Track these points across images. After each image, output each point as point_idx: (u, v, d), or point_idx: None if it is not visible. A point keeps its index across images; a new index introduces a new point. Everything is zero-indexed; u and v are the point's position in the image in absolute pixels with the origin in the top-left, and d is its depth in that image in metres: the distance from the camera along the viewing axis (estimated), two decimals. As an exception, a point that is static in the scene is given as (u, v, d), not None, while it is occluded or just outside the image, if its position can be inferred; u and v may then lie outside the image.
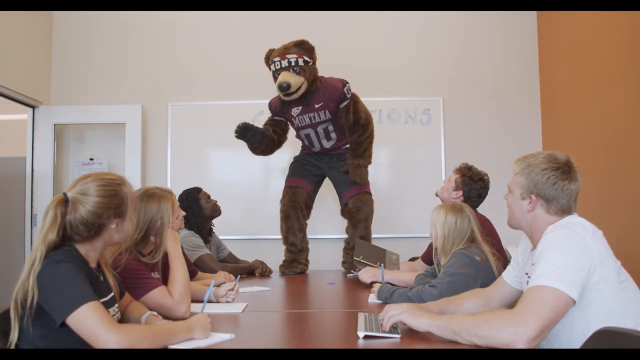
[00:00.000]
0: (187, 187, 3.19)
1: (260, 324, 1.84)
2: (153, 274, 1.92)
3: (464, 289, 1.87)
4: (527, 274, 1.62)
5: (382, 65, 4.53)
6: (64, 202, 1.43)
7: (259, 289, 2.58)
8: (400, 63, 4.56)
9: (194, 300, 1.93)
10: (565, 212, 1.57)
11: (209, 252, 3.04)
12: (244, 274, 2.98)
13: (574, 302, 1.38)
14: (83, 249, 1.46)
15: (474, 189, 2.57)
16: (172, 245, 1.92)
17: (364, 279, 2.52)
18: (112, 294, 1.55)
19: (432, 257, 2.38)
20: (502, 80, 4.53)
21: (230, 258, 3.36)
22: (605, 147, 3.33)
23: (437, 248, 2.19)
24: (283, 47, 3.09)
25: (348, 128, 3.19)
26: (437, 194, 2.74)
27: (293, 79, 2.99)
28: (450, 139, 4.48)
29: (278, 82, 3.01)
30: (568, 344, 1.46)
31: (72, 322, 1.29)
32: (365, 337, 1.48)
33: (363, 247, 2.83)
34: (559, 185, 1.54)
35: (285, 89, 2.99)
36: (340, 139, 3.31)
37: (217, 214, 3.21)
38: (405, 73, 4.56)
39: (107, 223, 1.47)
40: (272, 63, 3.09)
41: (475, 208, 2.54)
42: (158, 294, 1.78)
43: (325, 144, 3.30)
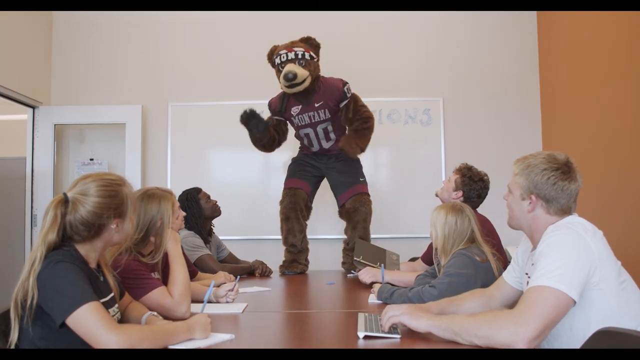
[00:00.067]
0: (187, 187, 3.19)
1: (260, 324, 1.84)
2: (153, 274, 1.92)
3: (464, 290, 1.87)
4: (527, 274, 1.62)
5: (382, 65, 4.53)
6: (64, 202, 1.43)
7: (259, 289, 2.58)
8: (400, 63, 4.56)
9: (194, 301, 1.93)
10: (566, 212, 1.57)
11: (209, 252, 3.04)
12: (244, 274, 2.98)
13: (574, 302, 1.38)
14: (83, 249, 1.46)
15: (474, 189, 2.57)
16: (172, 246, 1.92)
17: (364, 279, 2.52)
18: (112, 294, 1.55)
19: (432, 257, 2.38)
20: (502, 80, 4.53)
21: (230, 258, 3.36)
22: (605, 147, 3.33)
23: (437, 248, 2.19)
24: (290, 42, 3.11)
25: (348, 121, 3.17)
26: (437, 195, 2.74)
27: (299, 71, 2.99)
28: (450, 139, 4.48)
29: (284, 72, 2.99)
30: (568, 344, 1.46)
31: (72, 322, 1.29)
32: (365, 337, 1.48)
33: (363, 247, 2.83)
34: (559, 186, 1.54)
35: (292, 79, 2.97)
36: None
37: (217, 214, 3.21)
38: (405, 73, 4.56)
39: (107, 223, 1.47)
40: (277, 56, 3.08)
41: (475, 208, 2.54)
42: (158, 294, 1.78)
43: (325, 144, 3.30)
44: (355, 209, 3.20)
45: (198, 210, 3.08)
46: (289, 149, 3.76)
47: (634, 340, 1.22)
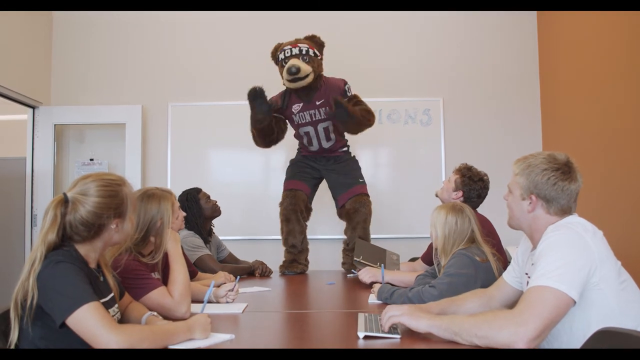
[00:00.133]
0: (187, 187, 3.19)
1: (260, 325, 1.84)
2: (153, 275, 1.92)
3: (464, 290, 1.87)
4: (527, 274, 1.62)
5: (382, 65, 4.53)
6: (64, 202, 1.43)
7: (259, 290, 2.58)
8: (400, 63, 4.56)
9: (194, 301, 1.93)
10: (566, 212, 1.57)
11: (209, 252, 3.04)
12: (244, 275, 2.98)
13: (574, 302, 1.38)
14: (83, 250, 1.46)
15: (474, 190, 2.57)
16: (172, 246, 1.92)
17: (364, 279, 2.52)
18: (112, 295, 1.55)
19: (432, 257, 2.38)
20: (502, 80, 4.53)
21: (230, 258, 3.36)
22: (605, 147, 3.33)
23: (437, 248, 2.19)
24: (294, 39, 3.12)
25: None
26: (437, 195, 2.74)
27: (303, 65, 2.99)
28: (450, 139, 4.48)
29: (287, 65, 2.99)
30: (568, 344, 1.46)
31: (72, 322, 1.29)
32: (365, 337, 1.48)
33: (363, 247, 2.83)
34: (559, 186, 1.54)
35: (295, 73, 2.97)
36: (339, 140, 3.31)
37: (217, 214, 3.21)
38: (405, 73, 4.56)
39: (107, 223, 1.47)
40: (281, 52, 3.09)
41: (475, 208, 2.54)
42: (158, 295, 1.78)
43: (325, 144, 3.30)
44: (355, 210, 3.20)
45: (198, 210, 3.08)
46: (289, 149, 3.75)
47: (634, 340, 1.22)
